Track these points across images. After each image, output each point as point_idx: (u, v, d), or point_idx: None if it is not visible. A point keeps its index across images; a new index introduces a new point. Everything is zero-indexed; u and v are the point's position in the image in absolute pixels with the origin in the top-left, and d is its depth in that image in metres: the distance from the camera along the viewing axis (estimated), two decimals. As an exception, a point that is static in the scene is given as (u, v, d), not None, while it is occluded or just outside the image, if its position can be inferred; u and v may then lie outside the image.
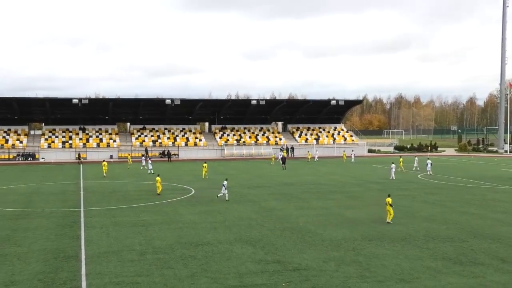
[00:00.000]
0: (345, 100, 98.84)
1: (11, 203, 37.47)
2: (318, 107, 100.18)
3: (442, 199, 39.20)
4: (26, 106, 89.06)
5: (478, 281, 19.16)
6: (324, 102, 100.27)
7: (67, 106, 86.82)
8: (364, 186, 46.96)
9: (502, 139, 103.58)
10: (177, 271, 20.38)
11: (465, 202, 37.63)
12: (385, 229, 27.93)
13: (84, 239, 25.91)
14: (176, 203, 37.22)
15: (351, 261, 21.70)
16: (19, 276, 19.84)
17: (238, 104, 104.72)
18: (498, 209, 34.40)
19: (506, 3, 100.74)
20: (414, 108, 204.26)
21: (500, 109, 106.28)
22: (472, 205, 36.28)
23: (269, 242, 25.11)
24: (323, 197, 40.22)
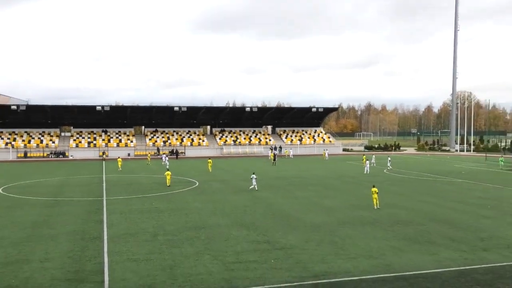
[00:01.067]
0: (324, 108, 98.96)
1: (45, 194, 37.32)
2: (301, 113, 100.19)
3: (403, 190, 39.34)
4: (58, 112, 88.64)
5: (433, 257, 19.28)
6: (306, 109, 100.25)
7: (92, 112, 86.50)
8: (340, 179, 47.05)
9: (453, 140, 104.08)
10: (183, 249, 20.39)
11: (422, 192, 37.79)
12: (357, 214, 28.02)
13: (106, 223, 25.88)
14: (183, 193, 37.18)
15: (328, 241, 21.77)
16: (52, 253, 19.82)
17: (235, 111, 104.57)
18: (449, 198, 34.57)
19: (457, 27, 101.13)
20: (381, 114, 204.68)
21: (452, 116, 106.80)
22: (428, 195, 36.43)
23: (260, 225, 25.15)
24: (305, 188, 40.28)
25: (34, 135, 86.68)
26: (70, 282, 16.39)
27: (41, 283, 16.37)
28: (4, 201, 33.56)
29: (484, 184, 43.18)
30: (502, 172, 54.68)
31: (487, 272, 17.49)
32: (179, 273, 17.33)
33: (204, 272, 17.45)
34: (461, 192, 38.10)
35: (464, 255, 19.55)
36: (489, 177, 48.83)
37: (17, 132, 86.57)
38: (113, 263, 18.47)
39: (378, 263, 18.42)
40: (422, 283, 16.29)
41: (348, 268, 17.81)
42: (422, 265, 18.19)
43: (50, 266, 18.19)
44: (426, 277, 16.90)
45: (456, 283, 16.32)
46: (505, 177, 48.96)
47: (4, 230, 24.25)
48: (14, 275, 17.20)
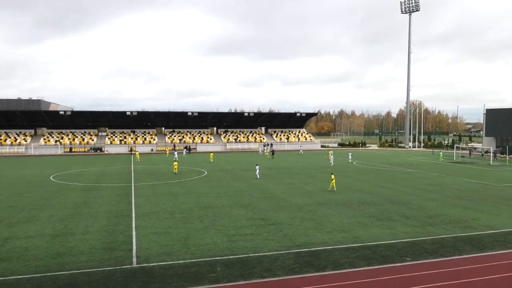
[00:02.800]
0: (306, 113, 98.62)
1: (86, 180, 37.10)
2: (288, 117, 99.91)
3: (368, 178, 39.32)
4: (96, 117, 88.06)
5: (391, 231, 19.31)
6: (292, 114, 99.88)
7: (123, 116, 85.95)
8: (318, 170, 47.02)
9: (407, 139, 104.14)
10: (195, 225, 20.35)
11: (383, 179, 37.79)
12: (332, 197, 28.01)
13: (134, 204, 25.78)
14: (195, 181, 37.07)
15: (309, 218, 21.77)
16: (92, 228, 19.75)
17: (236, 116, 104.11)
18: (404, 184, 34.59)
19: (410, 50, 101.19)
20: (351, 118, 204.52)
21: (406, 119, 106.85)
22: (388, 181, 36.45)
23: (256, 206, 25.12)
24: (291, 176, 40.24)
25: (77, 135, 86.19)
26: (106, 250, 16.33)
27: (83, 251, 16.30)
28: (53, 187, 33.37)
29: (431, 173, 43.24)
30: (443, 163, 54.82)
31: (433, 242, 17.54)
32: (191, 243, 17.29)
33: (211, 242, 17.41)
34: (412, 179, 38.15)
35: (415, 230, 19.59)
36: (435, 168, 48.89)
37: (64, 132, 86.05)
38: (139, 236, 18.41)
39: (349, 236, 18.44)
40: (382, 251, 16.32)
41: (325, 240, 17.81)
42: (383, 237, 18.22)
43: (90, 237, 18.12)
44: (385, 246, 16.93)
45: (409, 251, 16.36)
46: (447, 168, 49.05)
47: (53, 209, 24.13)
48: (62, 244, 17.12)
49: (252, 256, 15.66)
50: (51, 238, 18.09)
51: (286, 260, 15.28)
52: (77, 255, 15.88)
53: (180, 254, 15.90)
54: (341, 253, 16.00)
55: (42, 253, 16.07)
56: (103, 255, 15.79)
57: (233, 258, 15.53)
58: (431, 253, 16.13)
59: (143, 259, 15.43)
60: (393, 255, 15.89)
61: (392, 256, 15.78)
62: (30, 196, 28.87)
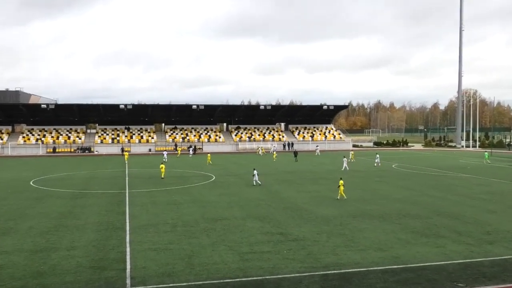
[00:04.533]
0: (334, 105, 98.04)
1: (72, 186, 37.66)
2: (313, 111, 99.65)
3: (411, 184, 38.91)
4: (84, 111, 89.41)
5: (440, 250, 19.02)
6: (317, 107, 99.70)
7: (116, 111, 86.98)
8: (349, 174, 46.69)
9: (459, 137, 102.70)
10: (201, 240, 20.40)
11: (429, 186, 37.33)
12: (366, 208, 27.78)
13: (129, 214, 26.02)
14: (200, 187, 37.24)
15: (338, 233, 21.61)
16: (78, 242, 19.98)
17: (249, 109, 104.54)
18: (455, 192, 34.09)
19: (462, 27, 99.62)
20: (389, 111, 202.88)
21: (458, 113, 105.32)
22: (435, 189, 35.97)
23: (274, 218, 25.07)
24: (315, 182, 40.08)
25: (62, 132, 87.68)
26: (95, 269, 16.49)
27: (68, 269, 16.50)
28: (33, 193, 33.96)
29: (489, 179, 42.50)
30: (507, 167, 53.76)
31: (492, 265, 17.17)
32: (197, 262, 17.33)
33: (220, 261, 17.42)
34: (466, 186, 37.55)
35: (470, 248, 19.24)
36: (493, 172, 48.05)
37: (46, 129, 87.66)
38: (134, 252, 18.54)
39: (386, 255, 18.22)
40: (429, 275, 16.05)
41: (357, 260, 17.64)
42: (429, 258, 17.94)
43: (76, 254, 18.33)
44: (432, 269, 16.66)
45: (462, 275, 16.06)
46: (509, 172, 48.12)
47: (33, 220, 24.53)
48: (43, 262, 17.37)
49: (269, 279, 15.60)
50: (30, 254, 18.37)
51: (311, 284, 15.17)
52: (61, 274, 16.07)
53: (182, 275, 15.95)
54: (378, 277, 15.81)
55: (20, 272, 16.32)
56: (91, 275, 15.95)
57: (246, 280, 15.48)
58: (489, 278, 15.80)
59: (138, 280, 15.53)
60: (442, 279, 15.63)
61: (441, 280, 15.52)
62: (6, 204, 29.42)
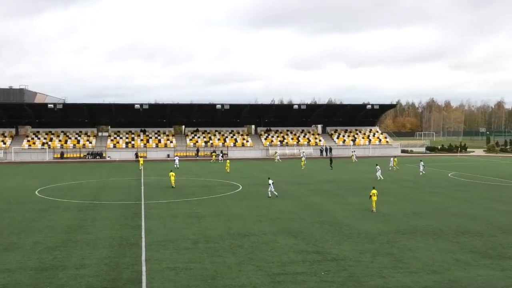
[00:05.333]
0: (380, 105, 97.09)
1: (81, 196, 38.40)
2: (355, 111, 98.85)
3: (470, 196, 38.09)
4: (95, 111, 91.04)
5: (507, 273, 18.51)
6: (360, 106, 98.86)
7: (130, 111, 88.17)
8: (397, 183, 46.08)
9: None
10: (226, 259, 20.44)
11: (492, 199, 36.45)
12: (418, 223, 27.35)
13: (144, 228, 26.32)
14: (225, 198, 37.38)
15: (385, 253, 21.33)
16: (88, 260, 20.31)
17: (281, 109, 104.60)
18: (525, 206, 33.18)
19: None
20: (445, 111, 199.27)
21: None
22: (500, 202, 35.10)
23: (309, 234, 24.94)
24: (358, 193, 39.67)
25: (70, 135, 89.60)
26: (106, 291, 16.73)
27: (77, 291, 16.78)
28: (39, 204, 34.77)
29: None
30: None
31: None
32: (221, 284, 17.37)
33: (247, 284, 17.42)
34: (538, 199, 36.55)
35: (542, 272, 18.66)
36: None
37: (53, 132, 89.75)
38: (151, 272, 18.73)
39: (442, 279, 17.87)
40: (493, 302, 15.65)
41: (407, 283, 17.36)
42: (493, 282, 17.51)
43: (86, 273, 18.64)
44: (497, 295, 16.23)
45: (533, 303, 15.58)
46: None
47: (38, 234, 25.09)
48: (49, 281, 17.72)
49: (304, 304, 15.50)
50: (35, 273, 18.78)
51: (353, 311, 14.97)
52: (69, 296, 16.35)
53: (205, 299, 15.99)
54: (432, 304, 15.49)
55: (24, 292, 16.67)
56: (103, 297, 16.17)
57: (278, 306, 15.42)
58: None
59: (155, 304, 15.65)
60: (509, 308, 15.19)
61: (508, 309, 15.09)
62: (9, 216, 30.20)
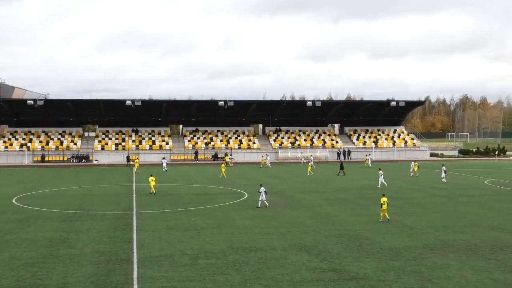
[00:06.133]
0: (406, 101, 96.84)
1: (64, 205, 38.51)
2: (377, 108, 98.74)
3: (510, 206, 37.85)
4: (81, 108, 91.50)
5: (551, 295, 18.39)
6: (383, 103, 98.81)
7: (121, 108, 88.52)
8: (426, 192, 45.92)
9: None
10: (229, 277, 20.44)
11: (536, 210, 36.27)
12: (449, 237, 27.23)
13: (136, 242, 26.35)
14: (228, 207, 37.40)
15: (411, 271, 21.24)
16: (72, 278, 20.33)
17: (293, 106, 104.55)
18: None
19: None
20: (480, 109, 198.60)
21: None
22: (544, 213, 34.91)
23: (325, 249, 24.88)
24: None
25: (53, 135, 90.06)
26: (93, 313, 16.77)
27: (59, 313, 16.84)
28: (16, 214, 34.90)
29: None
30: None
31: None
32: (223, 306, 17.36)
33: (254, 305, 17.40)
34: None
35: None
36: None
37: (33, 132, 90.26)
38: (143, 292, 18.75)
39: (477, 301, 17.78)
40: (537, 328, 15.56)
41: (437, 306, 17.28)
42: (536, 305, 17.40)
43: (69, 293, 18.67)
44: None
45: None
46: None
47: (15, 248, 25.15)
48: (28, 302, 17.77)
49: (318, 330, 15.49)
50: (13, 292, 18.84)
51: (374, 337, 14.94)
52: (50, 318, 16.41)
53: (205, 323, 16.01)
54: (466, 330, 15.43)
55: (-1, 314, 16.76)
56: (88, 320, 16.22)
57: (289, 331, 15.42)
58: None
59: (148, 328, 15.68)
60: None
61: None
62: (-16, 227, 30.34)
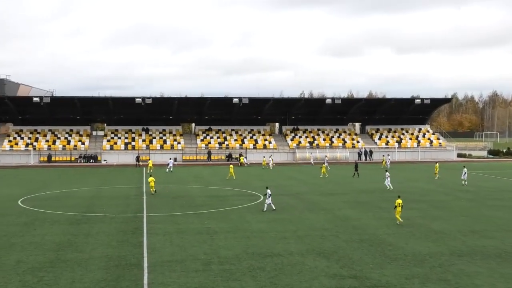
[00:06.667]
0: (431, 99, 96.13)
1: (72, 207, 38.75)
2: (401, 106, 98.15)
3: (543, 210, 37.54)
4: (89, 106, 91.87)
5: None
6: (408, 100, 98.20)
7: (130, 106, 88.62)
8: (452, 195, 45.58)
9: None
10: (244, 283, 20.46)
11: None
12: (477, 243, 27.03)
13: (147, 246, 26.47)
14: (243, 210, 37.40)
15: (437, 279, 21.13)
16: (80, 283, 20.48)
17: (311, 103, 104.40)
18: None
19: None
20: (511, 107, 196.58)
21: None
22: None
23: (345, 254, 24.82)
24: (405, 206, 39.14)
25: (60, 134, 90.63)
26: (101, 320, 16.88)
27: (66, 320, 16.97)
28: (22, 217, 35.19)
29: None
30: None
31: None
32: (238, 314, 17.40)
33: (270, 313, 17.42)
34: None
35: None
36: None
37: (39, 131, 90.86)
38: (154, 298, 18.83)
39: (507, 311, 17.65)
40: None
41: (464, 316, 17.19)
42: None
43: (77, 299, 18.82)
44: None
45: None
46: None
47: (21, 252, 25.38)
48: (34, 308, 17.93)
49: None
50: (18, 297, 19.03)
51: None
52: (57, 325, 16.54)
53: (218, 331, 16.04)
54: None
55: (5, 321, 16.94)
56: (97, 328, 16.33)
57: None
58: None
59: (159, 336, 15.74)
60: None
61: None
62: (-11, 230, 30.67)
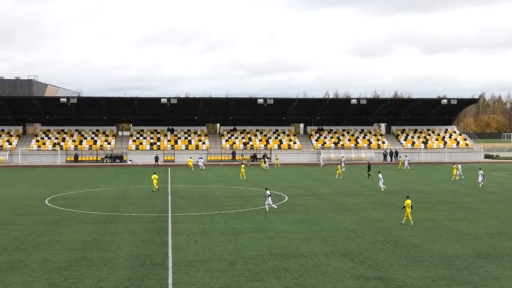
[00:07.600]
0: (458, 99, 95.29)
1: (98, 207, 39.17)
2: (427, 107, 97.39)
3: None
4: (115, 106, 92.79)
5: None
6: (434, 101, 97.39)
7: (156, 106, 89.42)
8: (480, 196, 45.07)
9: None
10: (268, 284, 20.46)
11: None
12: (505, 245, 26.68)
13: (172, 246, 26.61)
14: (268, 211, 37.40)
15: (463, 281, 20.91)
16: (105, 282, 20.67)
17: (336, 104, 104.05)
18: None
19: None
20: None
21: None
22: None
23: (370, 256, 24.70)
24: (431, 207, 39.02)
25: (86, 134, 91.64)
26: (127, 319, 17.01)
27: (92, 318, 17.13)
28: (49, 215, 35.67)
29: None
30: None
31: None
32: (262, 314, 17.40)
33: (294, 314, 17.39)
34: None
35: None
36: None
37: (66, 131, 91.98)
38: (179, 298, 18.91)
39: (536, 314, 17.39)
40: None
41: (491, 319, 16.98)
42: None
43: (102, 297, 19.00)
44: None
45: None
46: None
47: (48, 251, 25.72)
48: (61, 306, 18.13)
49: None
50: (45, 296, 19.25)
51: None
52: (83, 323, 16.70)
53: (242, 331, 16.06)
54: None
55: (32, 318, 17.14)
56: (122, 326, 16.45)
57: None
58: None
59: (184, 335, 15.80)
60: None
61: None
62: (14, 229, 31.05)
